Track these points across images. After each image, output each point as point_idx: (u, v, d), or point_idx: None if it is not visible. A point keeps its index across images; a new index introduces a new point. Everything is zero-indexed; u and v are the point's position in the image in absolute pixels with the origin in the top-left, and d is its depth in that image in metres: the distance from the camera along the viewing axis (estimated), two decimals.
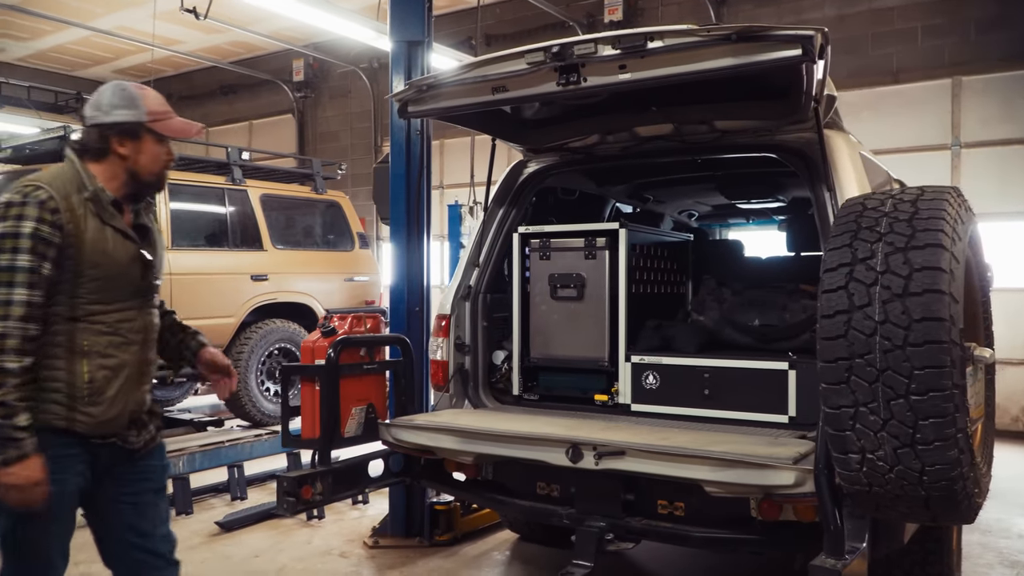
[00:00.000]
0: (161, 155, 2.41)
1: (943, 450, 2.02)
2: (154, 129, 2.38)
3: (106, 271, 2.30)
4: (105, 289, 2.31)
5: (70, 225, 2.24)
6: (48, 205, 2.20)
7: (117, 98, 2.35)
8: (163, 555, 2.52)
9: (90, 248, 2.27)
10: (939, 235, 2.10)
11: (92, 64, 16.96)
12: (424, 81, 3.31)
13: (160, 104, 2.43)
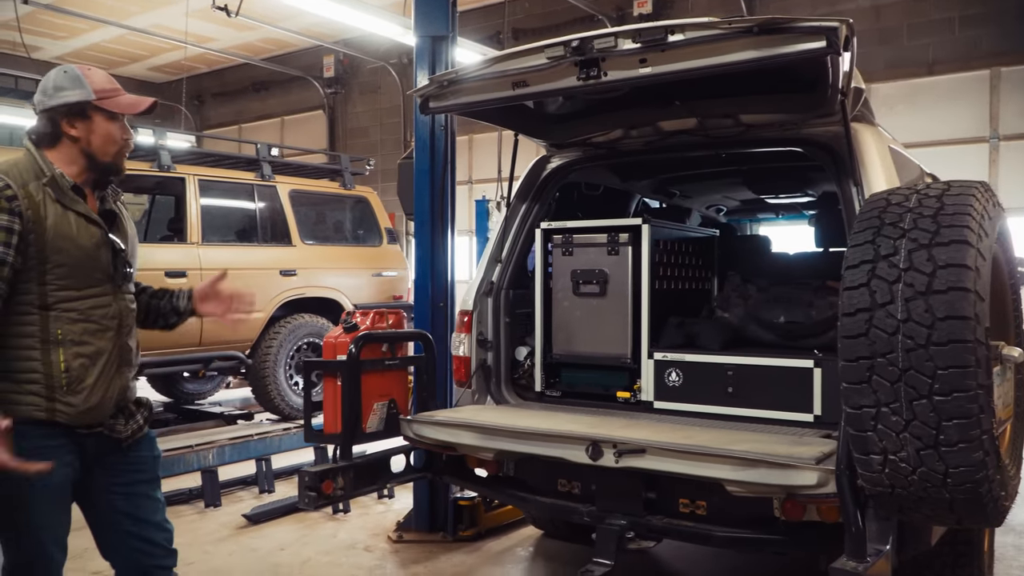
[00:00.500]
0: (115, 133, 2.37)
1: (967, 452, 1.97)
2: (102, 107, 2.33)
3: (72, 256, 2.28)
4: (73, 275, 2.29)
5: (29, 212, 2.22)
6: (4, 193, 2.19)
7: (61, 80, 2.32)
8: (160, 544, 2.52)
9: (52, 234, 2.25)
10: (965, 231, 2.04)
11: (128, 62, 17.24)
12: (445, 77, 3.30)
13: (107, 82, 2.38)
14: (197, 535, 4.81)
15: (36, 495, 2.26)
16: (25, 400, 2.25)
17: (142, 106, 2.42)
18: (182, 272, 6.73)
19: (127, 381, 2.46)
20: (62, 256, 2.27)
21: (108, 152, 2.37)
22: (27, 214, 2.22)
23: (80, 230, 2.31)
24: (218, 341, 7.06)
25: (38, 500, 2.27)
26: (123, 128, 2.40)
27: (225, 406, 8.34)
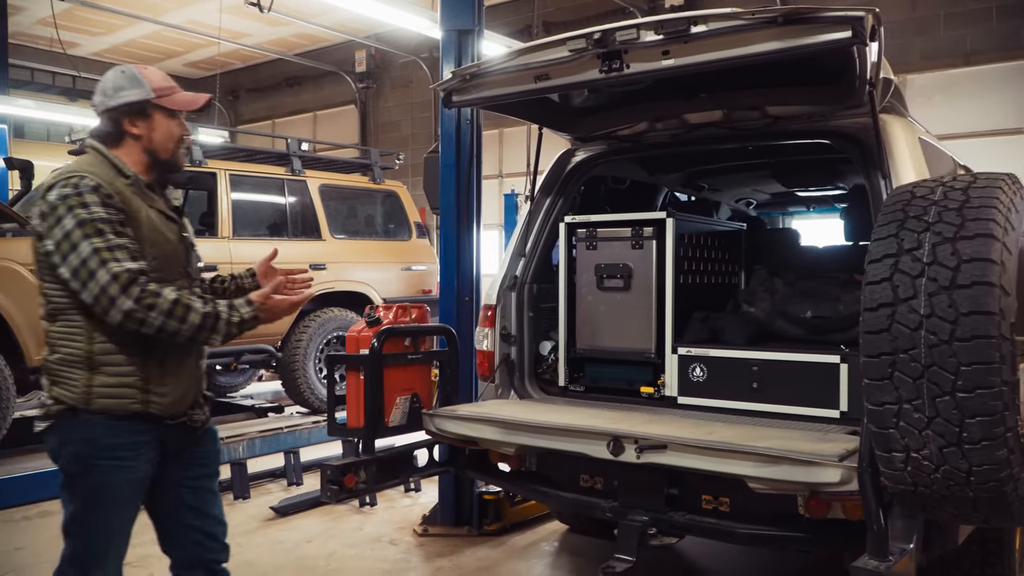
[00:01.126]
0: (174, 130, 2.43)
1: (991, 450, 1.93)
2: (161, 104, 2.38)
3: (162, 250, 2.35)
4: (163, 269, 2.34)
5: (124, 207, 2.28)
6: (101, 190, 2.24)
7: (120, 80, 2.37)
8: (219, 538, 2.59)
9: (146, 228, 2.32)
10: (990, 224, 1.99)
11: (164, 58, 17.47)
12: (467, 70, 3.29)
13: (164, 80, 2.43)
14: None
15: (120, 489, 2.32)
16: (121, 393, 2.30)
17: (199, 102, 2.49)
18: (213, 266, 6.80)
19: (202, 372, 2.54)
20: (156, 250, 2.34)
21: (168, 149, 2.43)
22: (124, 208, 2.28)
23: (163, 226, 2.38)
24: (248, 334, 7.10)
25: (121, 494, 2.33)
26: (181, 124, 2.46)
27: (256, 399, 8.44)
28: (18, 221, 5.88)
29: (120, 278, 2.17)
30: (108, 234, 2.20)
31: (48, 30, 10.77)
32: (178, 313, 2.21)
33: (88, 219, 2.19)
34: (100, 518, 2.33)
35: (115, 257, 2.18)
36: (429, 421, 3.44)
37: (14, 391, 5.65)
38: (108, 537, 2.36)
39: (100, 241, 2.18)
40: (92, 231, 2.18)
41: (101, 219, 2.20)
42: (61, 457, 2.33)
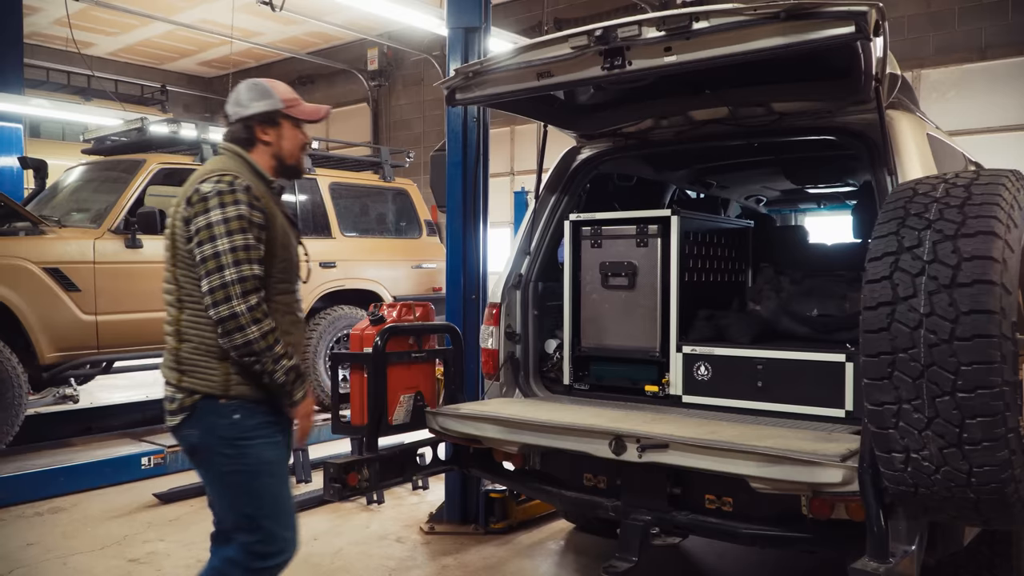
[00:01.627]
0: (299, 138, 2.62)
1: (992, 451, 1.90)
2: (289, 114, 2.58)
3: (288, 254, 2.52)
4: (287, 271, 2.51)
5: (266, 210, 2.43)
6: (251, 191, 2.39)
7: (253, 92, 2.57)
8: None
9: (279, 232, 2.47)
10: (992, 222, 1.96)
11: (179, 57, 17.58)
12: (470, 68, 3.28)
13: (289, 92, 2.63)
14: None
15: (274, 463, 2.50)
16: (247, 382, 2.43)
17: (321, 113, 2.69)
18: None
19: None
20: (284, 253, 2.49)
21: (294, 154, 2.62)
22: (266, 212, 2.42)
23: (287, 229, 2.54)
24: None
25: (276, 467, 2.51)
26: (304, 133, 2.65)
27: None
28: (31, 220, 5.93)
29: (247, 282, 2.30)
30: (248, 235, 2.33)
31: (64, 30, 10.85)
32: (270, 340, 2.34)
33: (234, 216, 2.31)
34: (264, 493, 2.46)
35: (249, 259, 2.31)
36: (432, 419, 3.44)
37: (27, 389, 5.70)
38: (276, 509, 2.49)
39: (240, 239, 2.31)
40: (236, 228, 2.31)
41: (247, 219, 2.33)
42: (209, 445, 2.45)
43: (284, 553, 2.51)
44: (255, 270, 2.32)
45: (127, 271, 6.22)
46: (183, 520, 4.96)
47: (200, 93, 18.86)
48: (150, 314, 6.36)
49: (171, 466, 5.99)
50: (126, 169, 6.63)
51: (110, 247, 6.14)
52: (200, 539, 4.60)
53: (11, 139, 8.44)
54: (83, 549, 4.45)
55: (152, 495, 5.36)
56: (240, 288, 2.28)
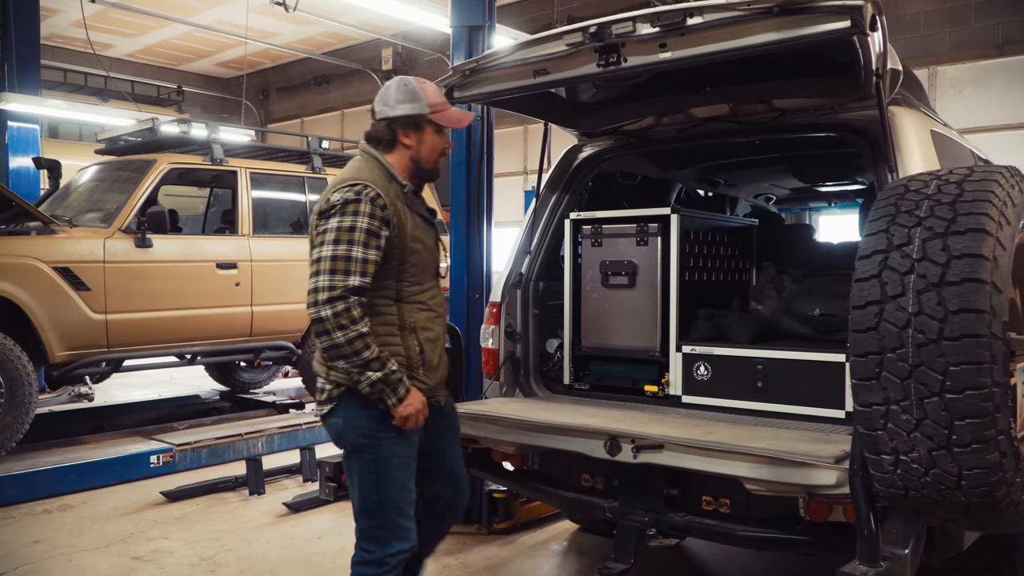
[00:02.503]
0: (439, 144, 2.68)
1: (982, 453, 1.86)
2: (434, 120, 2.64)
3: (420, 256, 2.63)
4: (418, 273, 2.62)
5: (394, 218, 2.53)
6: (378, 201, 2.49)
7: (401, 93, 2.64)
8: (464, 491, 3.03)
9: (409, 235, 2.58)
10: (983, 219, 1.91)
11: (196, 58, 17.70)
12: (467, 66, 3.26)
13: (438, 96, 2.68)
14: (239, 522, 4.92)
15: (404, 456, 2.63)
16: None
17: (466, 121, 2.75)
18: (233, 264, 6.88)
19: (447, 363, 2.86)
20: (415, 257, 2.61)
21: (431, 160, 2.68)
22: (392, 220, 2.52)
23: (422, 230, 2.64)
24: (268, 331, 7.20)
25: (405, 461, 2.64)
26: (446, 139, 2.71)
27: (280, 395, 8.50)
28: (41, 219, 5.98)
29: (335, 290, 2.40)
30: (357, 245, 2.43)
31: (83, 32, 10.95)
32: (357, 346, 2.42)
33: (347, 227, 2.43)
34: (392, 483, 2.61)
35: (346, 269, 2.41)
36: None
37: (36, 387, 5.75)
38: (400, 500, 2.63)
39: (343, 249, 2.42)
40: (344, 238, 2.43)
41: (362, 229, 2.44)
42: (349, 434, 2.61)
43: (403, 542, 2.61)
44: (350, 281, 2.40)
45: (137, 270, 6.26)
46: (188, 518, 4.99)
47: (218, 94, 18.97)
48: (160, 313, 6.42)
49: (180, 464, 6.03)
50: (137, 169, 6.67)
51: (120, 246, 6.19)
52: (204, 537, 4.62)
53: (28, 140, 8.55)
54: (88, 547, 4.48)
55: (159, 493, 5.40)
56: (327, 295, 2.38)
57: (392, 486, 2.61)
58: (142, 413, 7.56)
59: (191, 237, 7.18)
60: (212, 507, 5.25)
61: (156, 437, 6.36)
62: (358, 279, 2.43)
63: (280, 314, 7.25)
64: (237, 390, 8.58)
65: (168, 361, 7.15)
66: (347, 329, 2.39)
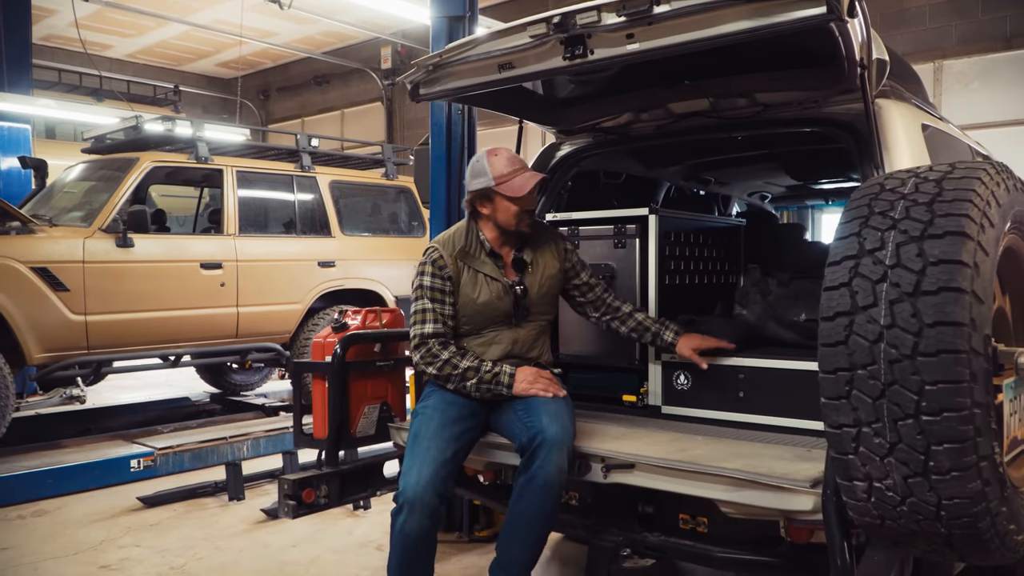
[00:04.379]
0: (511, 208, 2.91)
1: (962, 482, 1.67)
2: (502, 192, 2.89)
3: (472, 308, 2.93)
4: (472, 323, 2.96)
5: (451, 275, 2.92)
6: (437, 262, 2.93)
7: (474, 169, 2.97)
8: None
9: (463, 291, 2.94)
10: (963, 221, 1.73)
11: (196, 58, 17.61)
12: (430, 60, 3.08)
13: (507, 165, 2.92)
14: (214, 529, 4.78)
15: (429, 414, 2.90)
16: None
17: (527, 187, 2.90)
18: (218, 264, 6.74)
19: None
20: (467, 308, 2.94)
21: (509, 223, 2.94)
22: (450, 278, 2.93)
23: (480, 286, 2.94)
24: (255, 333, 7.07)
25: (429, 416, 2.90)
26: (522, 202, 2.91)
27: (271, 397, 8.37)
28: (20, 219, 5.86)
29: (415, 339, 2.88)
30: (425, 299, 2.89)
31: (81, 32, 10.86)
32: (446, 371, 2.85)
33: (416, 286, 2.93)
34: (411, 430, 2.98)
35: (422, 319, 2.88)
36: (395, 433, 3.28)
37: (13, 390, 5.63)
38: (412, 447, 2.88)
39: (417, 305, 2.91)
40: (416, 295, 2.93)
41: (426, 287, 2.90)
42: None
43: (398, 499, 2.71)
44: (423, 329, 2.87)
45: (118, 271, 6.14)
46: (163, 525, 4.85)
47: (219, 94, 18.87)
48: (142, 314, 6.29)
49: (161, 468, 5.91)
50: (119, 167, 6.54)
51: (100, 246, 6.05)
52: (177, 546, 4.49)
53: (18, 140, 8.42)
54: (57, 554, 4.36)
55: (136, 499, 5.26)
56: (413, 344, 2.91)
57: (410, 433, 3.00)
58: (130, 416, 7.44)
59: (174, 237, 7.05)
60: (189, 513, 5.12)
61: (138, 441, 6.23)
62: (431, 326, 2.88)
63: (267, 315, 7.11)
64: (228, 392, 8.46)
65: (152, 363, 7.02)
66: (432, 364, 2.86)
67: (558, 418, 2.81)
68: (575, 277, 3.16)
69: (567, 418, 2.86)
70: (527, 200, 2.92)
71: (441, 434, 2.80)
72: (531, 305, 3.02)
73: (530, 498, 2.69)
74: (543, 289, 3.05)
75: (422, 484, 2.65)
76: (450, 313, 2.92)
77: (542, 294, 3.04)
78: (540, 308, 3.06)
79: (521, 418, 2.83)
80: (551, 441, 2.69)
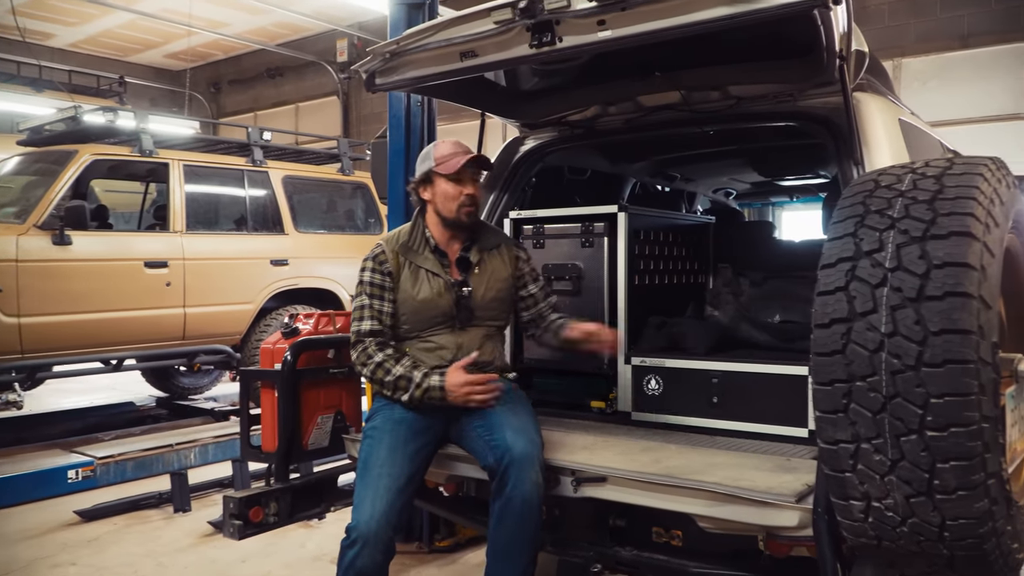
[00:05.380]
0: (450, 192, 2.78)
1: (969, 501, 1.55)
2: (439, 171, 2.79)
3: (411, 306, 2.79)
4: (412, 320, 2.81)
5: (392, 270, 2.81)
6: (378, 258, 2.84)
7: (421, 157, 2.91)
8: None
9: (405, 290, 2.80)
10: (968, 220, 1.60)
11: (143, 48, 17.04)
12: (386, 48, 2.88)
13: (449, 148, 2.83)
14: (157, 544, 4.52)
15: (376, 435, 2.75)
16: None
17: (460, 163, 2.77)
18: (163, 262, 6.44)
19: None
20: (406, 306, 2.80)
21: (448, 209, 2.80)
22: (391, 273, 2.82)
23: (421, 283, 2.80)
24: (203, 334, 6.78)
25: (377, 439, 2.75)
26: (455, 186, 2.78)
27: (221, 401, 8.07)
28: None
29: (352, 336, 2.79)
30: (364, 296, 2.80)
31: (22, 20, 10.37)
32: (379, 375, 2.72)
33: (359, 282, 2.84)
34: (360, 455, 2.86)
35: (359, 316, 2.79)
36: (350, 445, 3.08)
37: None
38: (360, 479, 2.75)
39: (357, 301, 2.81)
40: (357, 291, 2.83)
41: (365, 282, 2.81)
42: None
43: (350, 532, 2.49)
44: (359, 327, 2.77)
45: (55, 270, 5.81)
46: (102, 540, 4.57)
47: (167, 87, 18.29)
48: (81, 316, 5.97)
49: (102, 479, 5.59)
50: (56, 160, 6.20)
51: (35, 244, 5.72)
52: (116, 563, 4.22)
53: None
54: None
55: (74, 512, 4.97)
56: (351, 342, 2.79)
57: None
58: (69, 422, 7.07)
59: (116, 234, 6.73)
60: (131, 527, 4.84)
61: (78, 449, 5.90)
62: (369, 323, 2.77)
63: (216, 316, 6.83)
64: (175, 396, 8.14)
65: (94, 367, 6.68)
66: (367, 365, 2.74)
67: (523, 431, 2.65)
68: (523, 288, 2.99)
69: (532, 429, 2.70)
70: (464, 182, 2.79)
71: (393, 459, 2.61)
72: (476, 308, 2.84)
73: (511, 522, 2.52)
74: (490, 293, 2.88)
75: (376, 518, 2.45)
76: (389, 311, 2.80)
77: (489, 298, 2.87)
78: (487, 313, 2.88)
79: (482, 436, 2.66)
80: (521, 458, 2.53)
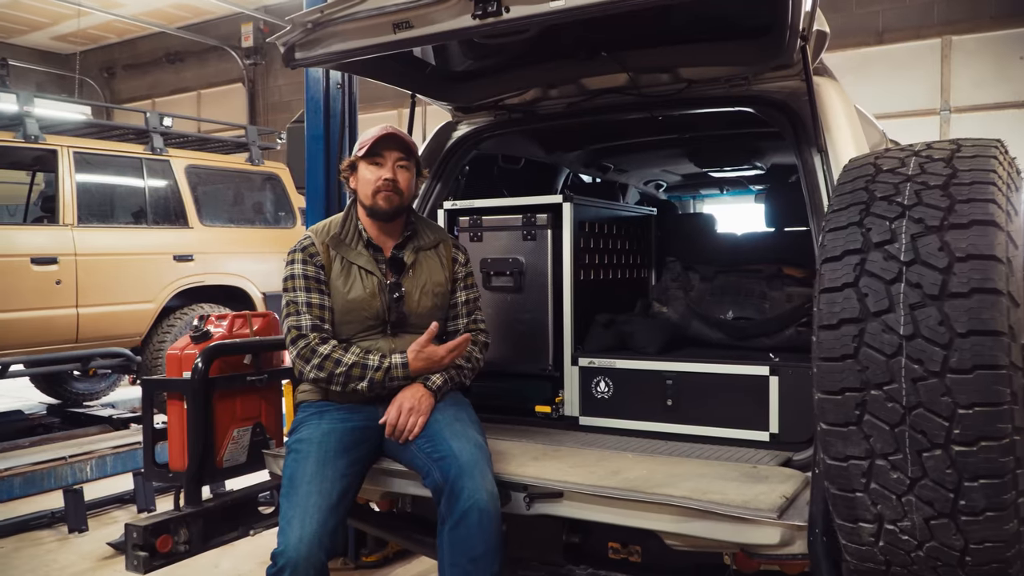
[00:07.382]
0: (367, 177, 2.59)
1: (997, 523, 1.38)
2: (358, 155, 2.62)
3: (341, 301, 2.57)
4: (347, 313, 2.57)
5: (322, 263, 2.59)
6: (308, 250, 2.60)
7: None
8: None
9: (336, 283, 2.58)
10: (990, 207, 1.43)
11: (28, 30, 15.92)
12: (308, 17, 2.57)
13: (373, 132, 2.62)
14: (50, 569, 4.07)
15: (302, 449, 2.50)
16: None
17: (370, 142, 2.60)
18: (52, 258, 5.89)
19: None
20: (338, 301, 2.58)
21: (366, 195, 2.61)
22: (325, 266, 2.59)
23: (353, 278, 2.59)
24: (99, 336, 6.25)
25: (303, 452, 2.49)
26: (371, 170, 2.59)
27: (120, 408, 7.50)
28: None
29: (291, 333, 2.53)
30: (299, 290, 2.55)
31: None
32: (328, 367, 2.47)
33: (289, 275, 2.59)
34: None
35: (296, 311, 2.54)
36: (272, 461, 2.76)
37: None
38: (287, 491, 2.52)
39: (290, 295, 2.56)
40: (289, 286, 2.58)
41: (298, 275, 2.56)
42: None
43: (276, 559, 2.19)
44: (299, 321, 2.52)
45: None
46: None
47: (56, 71, 17.16)
48: None
49: None
50: None
51: None
52: None
53: None
54: None
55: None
56: (288, 339, 2.54)
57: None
58: None
59: None
60: (20, 551, 4.36)
61: None
62: (307, 318, 2.53)
63: (114, 316, 6.31)
64: (69, 403, 7.53)
65: None
66: (311, 361, 2.49)
67: (466, 437, 2.41)
68: (451, 295, 2.74)
69: (477, 433, 2.47)
70: (383, 165, 2.59)
71: (323, 474, 2.34)
72: (409, 314, 2.61)
73: (471, 543, 2.24)
74: (426, 299, 2.64)
75: (305, 541, 2.16)
76: (329, 305, 2.57)
77: (424, 304, 2.63)
78: (423, 320, 2.60)
79: (423, 448, 2.42)
80: (469, 466, 2.29)
